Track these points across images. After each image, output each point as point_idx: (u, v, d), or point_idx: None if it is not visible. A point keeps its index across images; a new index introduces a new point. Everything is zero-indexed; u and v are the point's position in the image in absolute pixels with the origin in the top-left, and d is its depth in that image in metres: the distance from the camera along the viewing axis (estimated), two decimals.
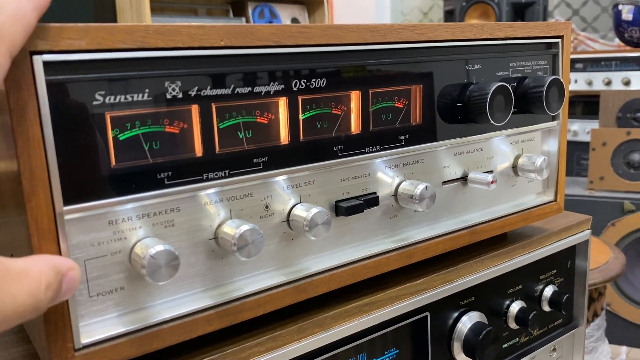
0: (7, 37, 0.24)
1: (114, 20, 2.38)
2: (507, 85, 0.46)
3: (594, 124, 1.95)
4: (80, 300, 0.31)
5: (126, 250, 0.32)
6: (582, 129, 2.12)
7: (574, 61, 2.12)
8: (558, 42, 0.54)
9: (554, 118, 0.55)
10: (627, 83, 2.00)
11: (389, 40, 0.41)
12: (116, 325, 0.32)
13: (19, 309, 0.24)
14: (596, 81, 2.08)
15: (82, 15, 2.55)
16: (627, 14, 2.05)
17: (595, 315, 1.30)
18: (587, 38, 2.58)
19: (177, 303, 0.35)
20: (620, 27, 2.10)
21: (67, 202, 0.30)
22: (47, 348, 0.30)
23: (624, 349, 1.58)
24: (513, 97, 0.47)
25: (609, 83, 2.04)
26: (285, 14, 2.96)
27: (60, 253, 0.30)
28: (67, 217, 0.30)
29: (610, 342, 1.49)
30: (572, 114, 2.18)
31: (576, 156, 2.13)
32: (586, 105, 2.15)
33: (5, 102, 0.28)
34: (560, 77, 0.52)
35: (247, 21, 2.74)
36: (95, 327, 0.32)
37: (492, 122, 0.46)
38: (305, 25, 0.36)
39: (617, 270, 1.23)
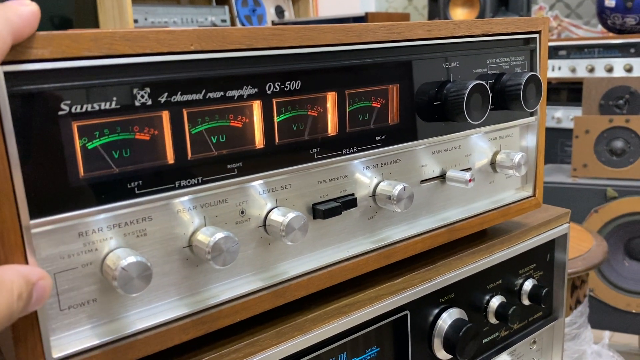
0: None
1: (95, 9, 2.34)
2: (484, 83, 0.46)
3: (577, 111, 1.96)
4: (51, 313, 0.31)
5: (97, 262, 0.32)
6: (565, 116, 2.13)
7: (557, 48, 2.12)
8: (536, 38, 0.54)
9: (532, 114, 0.55)
10: (610, 70, 2.01)
11: (365, 40, 0.41)
12: (89, 338, 0.32)
13: None
14: (579, 68, 2.09)
15: (62, 6, 2.51)
16: (609, 0, 2.05)
17: (578, 302, 1.31)
18: (570, 24, 2.59)
19: (151, 312, 0.34)
20: (603, 13, 2.11)
21: (33, 215, 0.29)
22: None
23: (606, 333, 1.60)
24: (490, 95, 0.47)
25: (592, 70, 2.05)
26: (269, 2, 2.93)
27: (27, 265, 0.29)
28: (34, 230, 0.29)
29: (594, 327, 1.52)
30: (555, 101, 2.19)
31: (560, 143, 2.14)
32: (570, 92, 2.16)
33: None
34: (537, 73, 0.52)
35: (231, 10, 2.71)
36: (67, 340, 0.31)
37: (469, 120, 0.46)
38: (278, 27, 0.36)
39: (600, 258, 1.25)
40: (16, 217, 0.28)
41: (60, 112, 0.29)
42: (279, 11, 2.92)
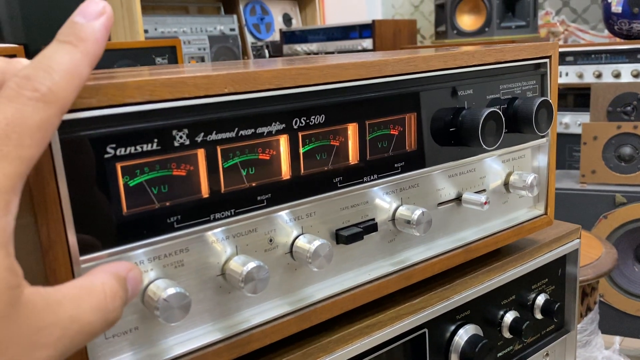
0: (61, 95, 0.24)
1: None
2: (498, 110, 0.48)
3: (585, 116, 1.98)
4: (97, 342, 0.33)
5: (139, 293, 0.34)
6: (573, 122, 2.14)
7: (564, 54, 2.13)
8: (546, 62, 0.55)
9: (543, 135, 0.57)
10: (618, 75, 2.02)
11: (384, 74, 0.43)
12: None
13: (85, 327, 0.24)
14: (587, 74, 2.10)
15: (71, 14, 2.54)
16: (616, 6, 2.06)
17: (589, 309, 1.32)
18: (577, 29, 2.60)
19: (188, 338, 0.36)
20: (609, 19, 2.12)
21: (82, 252, 0.31)
22: None
23: (617, 338, 1.61)
24: (504, 121, 0.49)
25: (599, 76, 2.06)
26: (277, 10, 2.95)
27: None
28: (83, 265, 0.31)
29: (604, 332, 1.53)
30: (563, 106, 2.20)
31: (568, 149, 2.15)
32: (577, 97, 2.17)
33: None
34: (549, 98, 0.54)
35: (239, 19, 2.74)
36: None
37: (484, 146, 0.47)
38: (304, 67, 0.38)
39: (609, 265, 1.26)
40: (67, 254, 0.30)
41: (107, 155, 0.31)
42: (287, 19, 2.95)
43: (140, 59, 1.83)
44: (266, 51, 2.80)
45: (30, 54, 2.19)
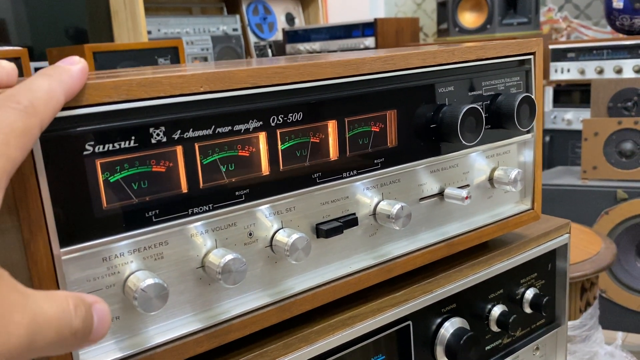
0: (41, 111, 0.28)
1: (109, 21, 2.40)
2: (478, 107, 0.49)
3: (588, 113, 1.97)
4: None
5: (120, 283, 0.35)
6: (576, 118, 2.14)
7: (566, 50, 2.13)
8: (530, 59, 0.56)
9: (528, 131, 0.58)
10: (619, 71, 2.01)
11: (362, 72, 0.44)
12: (114, 352, 0.35)
13: (54, 323, 0.24)
14: (588, 70, 2.09)
15: (76, 17, 2.57)
16: (617, 2, 2.06)
17: (588, 304, 1.33)
18: (580, 25, 2.59)
19: (169, 327, 0.38)
20: (611, 15, 2.11)
21: (63, 244, 0.32)
22: None
23: (619, 334, 1.61)
24: (484, 117, 0.50)
25: (601, 71, 2.06)
26: (279, 10, 2.97)
27: (59, 289, 0.33)
28: (64, 257, 0.33)
29: (606, 328, 1.53)
30: (566, 103, 2.20)
31: (570, 144, 2.15)
32: (580, 93, 2.17)
33: None
34: (532, 94, 0.54)
35: (242, 19, 2.76)
36: (94, 353, 0.35)
37: (463, 142, 0.48)
38: (280, 66, 0.39)
39: (608, 260, 1.26)
40: (48, 246, 0.32)
41: (85, 152, 0.33)
42: (290, 18, 2.96)
43: (143, 60, 1.85)
44: (269, 51, 2.81)
45: (35, 56, 2.21)
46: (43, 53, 1.99)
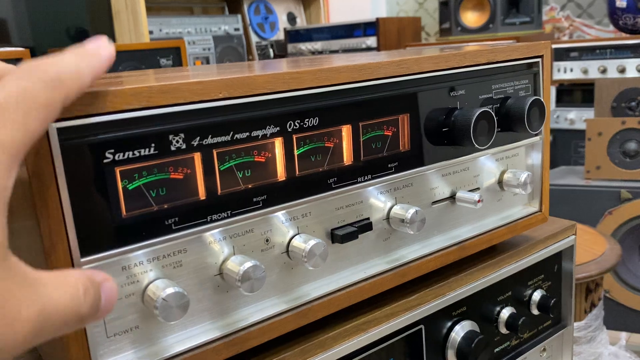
0: (67, 86, 0.27)
1: (110, 21, 2.39)
2: (490, 110, 0.49)
3: (591, 112, 1.97)
4: (99, 340, 0.34)
5: (139, 292, 0.35)
6: (579, 117, 2.14)
7: (569, 50, 2.13)
8: (538, 62, 0.56)
9: (536, 133, 0.58)
10: (623, 71, 2.01)
11: (376, 77, 0.44)
12: None
13: (62, 312, 0.24)
14: (592, 69, 2.09)
15: (78, 18, 2.56)
16: (621, 1, 2.06)
17: (593, 305, 1.33)
18: (583, 24, 2.59)
19: (187, 336, 0.38)
20: (614, 14, 2.11)
21: (83, 253, 0.32)
22: None
23: (623, 334, 1.61)
24: (496, 120, 0.50)
25: (604, 71, 2.06)
26: (281, 9, 2.97)
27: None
28: (84, 267, 0.33)
29: (611, 328, 1.53)
30: (569, 102, 2.20)
31: (573, 144, 2.15)
32: (583, 93, 2.17)
33: (24, 166, 0.30)
34: (541, 97, 0.54)
35: (244, 19, 2.75)
36: None
37: (476, 146, 0.48)
38: (297, 71, 0.39)
39: (613, 261, 1.26)
40: (69, 256, 0.32)
41: (105, 160, 0.33)
42: (291, 18, 2.96)
43: (145, 61, 1.85)
44: (271, 50, 2.81)
45: (36, 56, 2.21)
46: (44, 54, 1.99)
